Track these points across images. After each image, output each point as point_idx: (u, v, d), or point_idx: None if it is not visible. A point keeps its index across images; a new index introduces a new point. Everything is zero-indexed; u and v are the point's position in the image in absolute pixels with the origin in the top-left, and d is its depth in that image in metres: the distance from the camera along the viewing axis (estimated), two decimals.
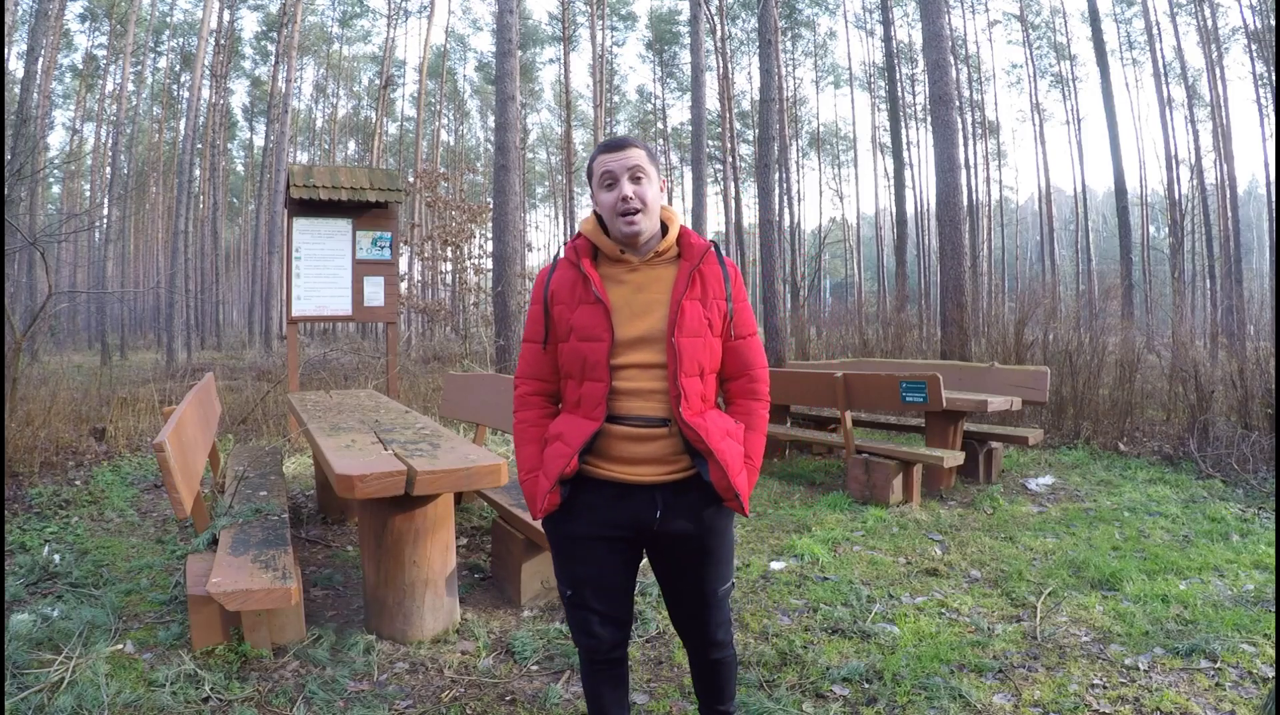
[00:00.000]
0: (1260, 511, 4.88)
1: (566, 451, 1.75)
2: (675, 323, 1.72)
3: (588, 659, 1.90)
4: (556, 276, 1.83)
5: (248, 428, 8.00)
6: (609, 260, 1.81)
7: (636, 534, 1.81)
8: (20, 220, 12.68)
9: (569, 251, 1.83)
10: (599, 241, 1.80)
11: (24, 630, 2.87)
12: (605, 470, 1.77)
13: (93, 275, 28.88)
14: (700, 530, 1.80)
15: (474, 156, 40.22)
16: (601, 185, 1.77)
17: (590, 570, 1.81)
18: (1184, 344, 7.76)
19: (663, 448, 1.76)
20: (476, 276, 12.45)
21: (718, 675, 1.97)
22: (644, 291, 1.77)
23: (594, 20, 30.31)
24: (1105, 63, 18.64)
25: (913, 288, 25.07)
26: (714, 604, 1.88)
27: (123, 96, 23.55)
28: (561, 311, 1.79)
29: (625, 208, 1.73)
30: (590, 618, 1.83)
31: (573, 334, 1.76)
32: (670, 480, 1.77)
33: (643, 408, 1.74)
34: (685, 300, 1.75)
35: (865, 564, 3.99)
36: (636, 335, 1.74)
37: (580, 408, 1.78)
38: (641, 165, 1.76)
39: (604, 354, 1.72)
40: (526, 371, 1.90)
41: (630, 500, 1.77)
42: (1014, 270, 38.13)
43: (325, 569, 3.84)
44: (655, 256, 1.80)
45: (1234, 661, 2.78)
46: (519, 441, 1.88)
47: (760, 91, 10.92)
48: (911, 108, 31.37)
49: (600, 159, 1.78)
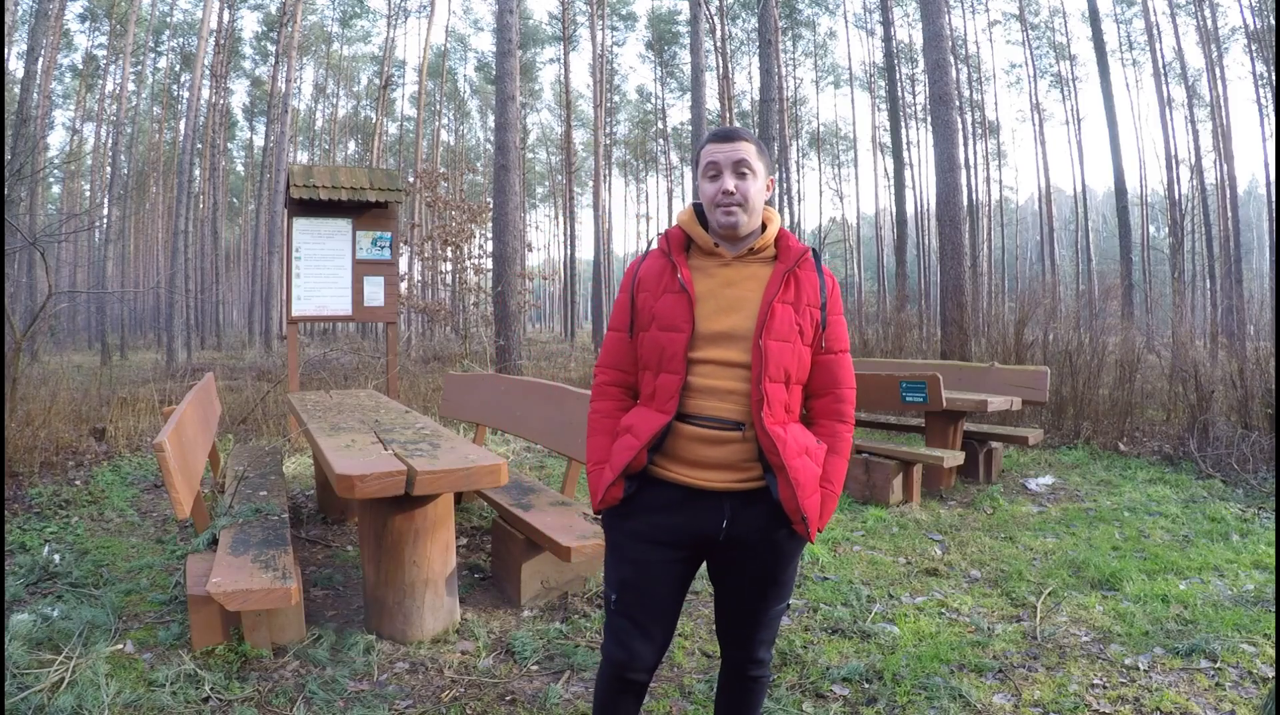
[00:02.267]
0: (1260, 511, 4.88)
1: (635, 444, 1.68)
2: (764, 323, 1.65)
3: (613, 674, 1.76)
4: (646, 265, 1.78)
5: (248, 428, 8.00)
6: (701, 253, 1.76)
7: (696, 544, 1.72)
8: (20, 220, 12.68)
9: (661, 242, 1.78)
10: (693, 232, 1.76)
11: (24, 630, 2.87)
12: (671, 472, 1.69)
13: (93, 275, 28.87)
14: (765, 550, 1.71)
15: (474, 156, 40.23)
16: (705, 175, 1.72)
17: (639, 574, 1.71)
18: (1184, 344, 7.76)
19: (734, 453, 1.66)
20: (476, 276, 12.45)
21: (751, 694, 1.86)
22: (734, 287, 1.71)
23: (594, 20, 30.30)
24: (1105, 63, 18.64)
25: (913, 288, 25.07)
26: (765, 623, 1.79)
27: (123, 96, 23.55)
28: (646, 299, 1.73)
29: (725, 201, 1.68)
30: (628, 628, 1.72)
31: (654, 323, 1.70)
32: (740, 489, 1.68)
33: (717, 408, 1.66)
34: (777, 302, 1.67)
35: (865, 564, 3.99)
36: (720, 330, 1.67)
37: (654, 401, 1.71)
38: (748, 160, 1.69)
39: (682, 345, 1.65)
40: (607, 360, 1.83)
41: (695, 506, 1.68)
42: (1014, 270, 38.12)
43: (325, 569, 3.84)
44: (750, 253, 1.74)
45: (1234, 661, 2.78)
46: (590, 432, 1.82)
47: (760, 91, 10.92)
48: (911, 108, 31.38)
49: (708, 148, 1.72)
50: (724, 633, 1.85)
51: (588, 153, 40.06)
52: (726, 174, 1.68)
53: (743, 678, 1.84)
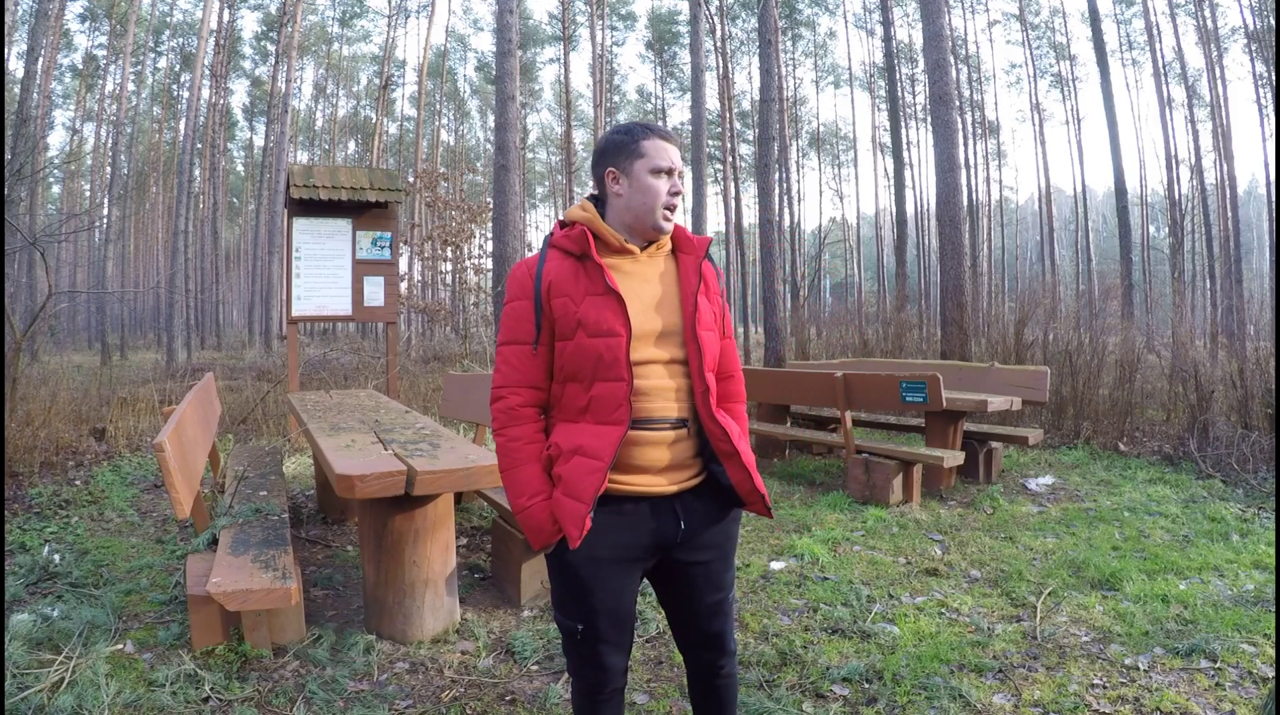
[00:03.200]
0: (1260, 511, 4.88)
1: (597, 466, 1.55)
2: (694, 316, 1.64)
3: (593, 692, 1.72)
4: (552, 267, 1.65)
5: (248, 428, 8.00)
6: (609, 251, 1.67)
7: (656, 553, 1.68)
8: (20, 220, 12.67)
9: (563, 240, 1.66)
10: (599, 229, 1.67)
11: (24, 630, 2.87)
12: (627, 484, 1.62)
13: (93, 275, 28.88)
14: (717, 538, 1.71)
15: (474, 156, 40.23)
16: (653, 171, 1.66)
17: (608, 599, 1.64)
18: (1184, 344, 7.76)
19: (681, 452, 1.64)
20: (476, 276, 12.46)
21: (728, 690, 1.82)
22: (650, 283, 1.67)
23: (594, 20, 30.30)
24: (1105, 63, 18.64)
25: (913, 288, 25.07)
26: (727, 611, 1.77)
27: (123, 96, 23.55)
28: (564, 304, 1.61)
29: (673, 203, 1.67)
30: (604, 650, 1.68)
31: (580, 329, 1.58)
32: (688, 487, 1.66)
33: (662, 408, 1.62)
34: (700, 294, 1.67)
35: (865, 564, 3.99)
36: (655, 329, 1.63)
37: (590, 413, 1.59)
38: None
39: (623, 350, 1.57)
40: (515, 378, 1.65)
41: (654, 515, 1.64)
42: (1014, 270, 38.13)
43: (325, 569, 3.84)
44: (655, 249, 1.73)
45: (1234, 661, 2.78)
46: (513, 463, 1.63)
47: (760, 91, 10.92)
48: (911, 108, 31.37)
49: (659, 144, 1.67)
50: (689, 636, 1.79)
51: (588, 153, 40.04)
52: (676, 178, 1.69)
53: (716, 677, 1.80)
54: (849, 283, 38.14)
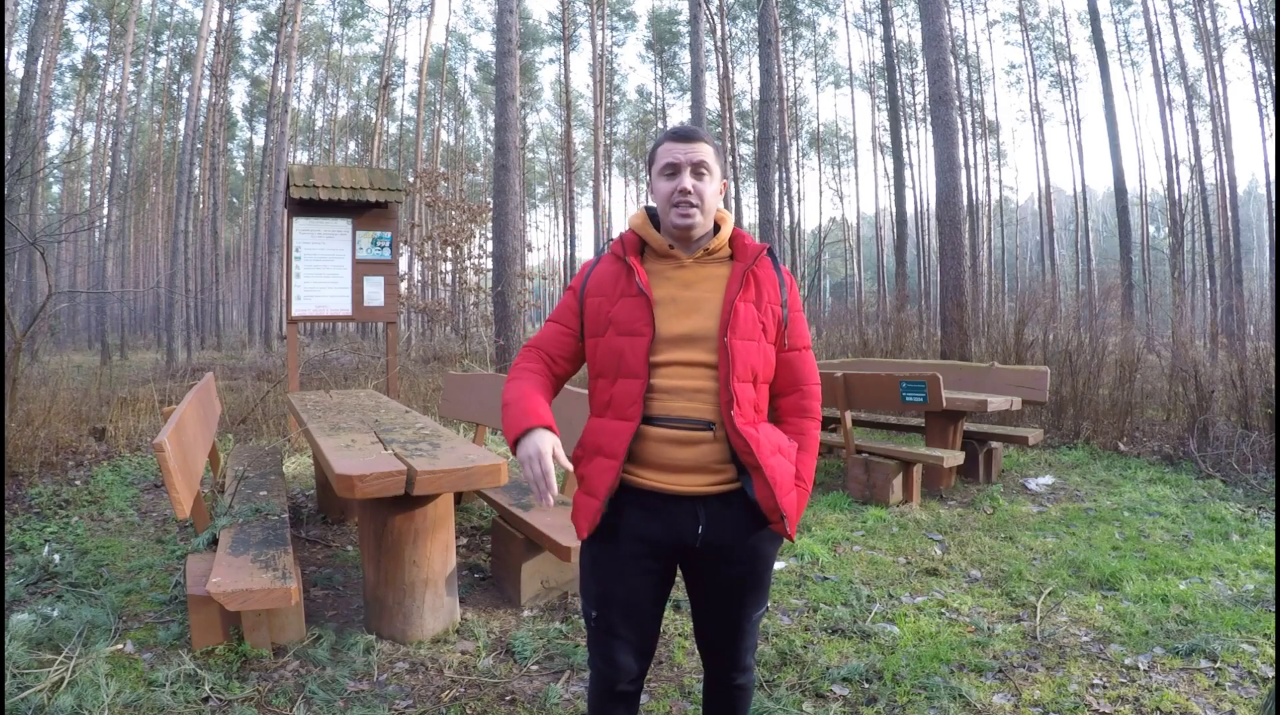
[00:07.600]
0: (1260, 511, 4.88)
1: (611, 464, 1.61)
2: (728, 323, 1.63)
3: (603, 688, 1.74)
4: (598, 270, 1.74)
5: (248, 428, 8.00)
6: (656, 256, 1.72)
7: (673, 552, 1.68)
8: (20, 220, 12.68)
9: (615, 246, 1.74)
10: (647, 235, 1.72)
11: (24, 630, 2.87)
12: (643, 478, 1.64)
13: (93, 275, 28.86)
14: (743, 552, 1.69)
15: (474, 156, 40.22)
16: (662, 173, 1.69)
17: (620, 589, 1.68)
18: (1184, 344, 7.77)
19: (706, 454, 1.63)
20: (476, 276, 12.46)
21: (738, 700, 1.83)
22: (692, 288, 1.68)
23: (594, 20, 30.31)
24: (1105, 63, 18.65)
25: (913, 288, 25.08)
26: (747, 630, 1.76)
27: (123, 96, 23.55)
28: (600, 304, 1.69)
29: (681, 200, 1.66)
30: (614, 644, 1.70)
31: (610, 328, 1.66)
32: (714, 491, 1.65)
33: (686, 408, 1.62)
34: (739, 301, 1.65)
35: (865, 564, 3.99)
36: (682, 332, 1.64)
37: (610, 409, 1.65)
38: (706, 162, 1.67)
39: (643, 349, 1.61)
40: (538, 341, 1.78)
41: (670, 512, 1.64)
42: (1014, 270, 38.13)
43: (325, 569, 3.84)
44: (705, 254, 1.71)
45: (1234, 661, 2.78)
46: (510, 379, 1.74)
47: (760, 91, 10.92)
48: (911, 108, 31.38)
49: (666, 147, 1.69)
50: (706, 643, 1.81)
51: (588, 152, 40.09)
52: (685, 173, 1.66)
53: (728, 687, 1.82)
54: (849, 283, 38.16)
